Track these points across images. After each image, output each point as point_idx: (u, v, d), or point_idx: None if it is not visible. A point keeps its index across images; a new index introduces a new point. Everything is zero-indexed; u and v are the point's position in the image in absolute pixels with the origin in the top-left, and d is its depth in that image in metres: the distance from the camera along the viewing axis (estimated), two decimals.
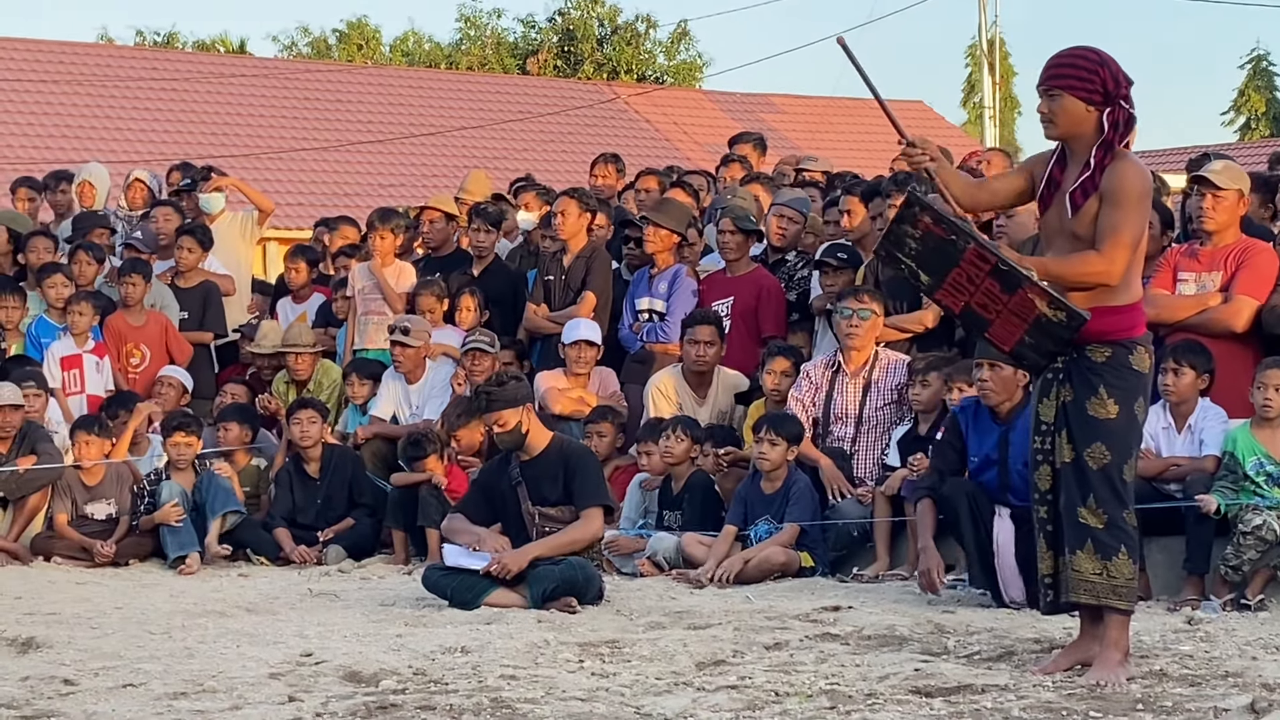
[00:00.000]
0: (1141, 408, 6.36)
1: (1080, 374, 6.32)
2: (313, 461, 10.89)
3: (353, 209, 22.30)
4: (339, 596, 9.01)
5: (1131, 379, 6.30)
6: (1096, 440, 6.29)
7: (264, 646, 7.28)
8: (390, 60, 45.68)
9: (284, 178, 28.55)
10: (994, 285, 6.16)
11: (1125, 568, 6.29)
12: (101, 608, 8.69)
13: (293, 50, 47.29)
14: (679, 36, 46.19)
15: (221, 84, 31.27)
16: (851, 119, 35.18)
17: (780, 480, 9.47)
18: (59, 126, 28.33)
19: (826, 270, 10.66)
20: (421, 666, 6.74)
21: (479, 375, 11.08)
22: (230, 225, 13.60)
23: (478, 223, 12.23)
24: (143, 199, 14.03)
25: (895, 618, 7.69)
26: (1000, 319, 6.24)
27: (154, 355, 12.19)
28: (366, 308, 12.18)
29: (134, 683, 6.47)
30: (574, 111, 33.80)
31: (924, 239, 6.22)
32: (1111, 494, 6.30)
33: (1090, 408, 6.29)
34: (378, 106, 32.49)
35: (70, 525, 10.78)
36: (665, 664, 6.74)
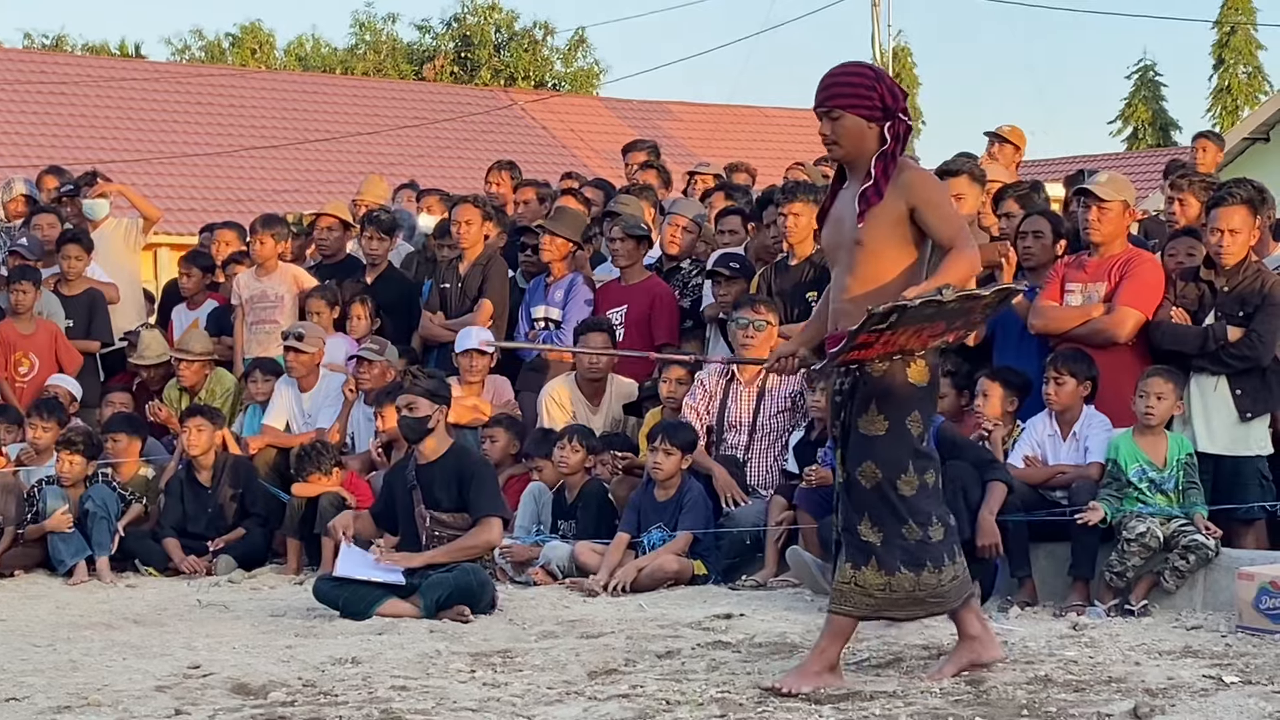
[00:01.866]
0: (916, 421, 6.25)
1: (859, 391, 6.28)
2: (204, 470, 10.79)
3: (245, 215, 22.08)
4: (228, 607, 8.94)
5: (905, 392, 6.22)
6: (866, 459, 6.26)
7: (151, 659, 7.21)
8: (284, 65, 45.41)
9: (176, 183, 28.32)
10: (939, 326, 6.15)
11: (905, 582, 6.23)
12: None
13: (186, 54, 46.92)
14: (576, 43, 46.29)
15: (112, 87, 30.98)
16: (746, 127, 35.34)
17: (674, 488, 9.49)
18: None
19: (719, 280, 10.69)
20: (311, 678, 6.71)
21: (367, 383, 11.05)
22: (115, 231, 13.43)
23: (370, 230, 12.18)
24: (23, 209, 13.82)
25: (786, 625, 7.73)
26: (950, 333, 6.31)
27: (43, 364, 12.04)
28: (256, 315, 12.09)
29: (16, 696, 6.40)
30: (470, 118, 33.74)
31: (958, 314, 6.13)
32: (889, 512, 6.24)
33: (862, 425, 6.26)
34: (271, 112, 32.29)
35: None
36: (557, 673, 6.74)
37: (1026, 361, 9.13)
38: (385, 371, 11.08)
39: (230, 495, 10.75)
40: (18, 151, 27.02)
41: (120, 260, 13.42)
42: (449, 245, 11.94)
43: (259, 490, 10.79)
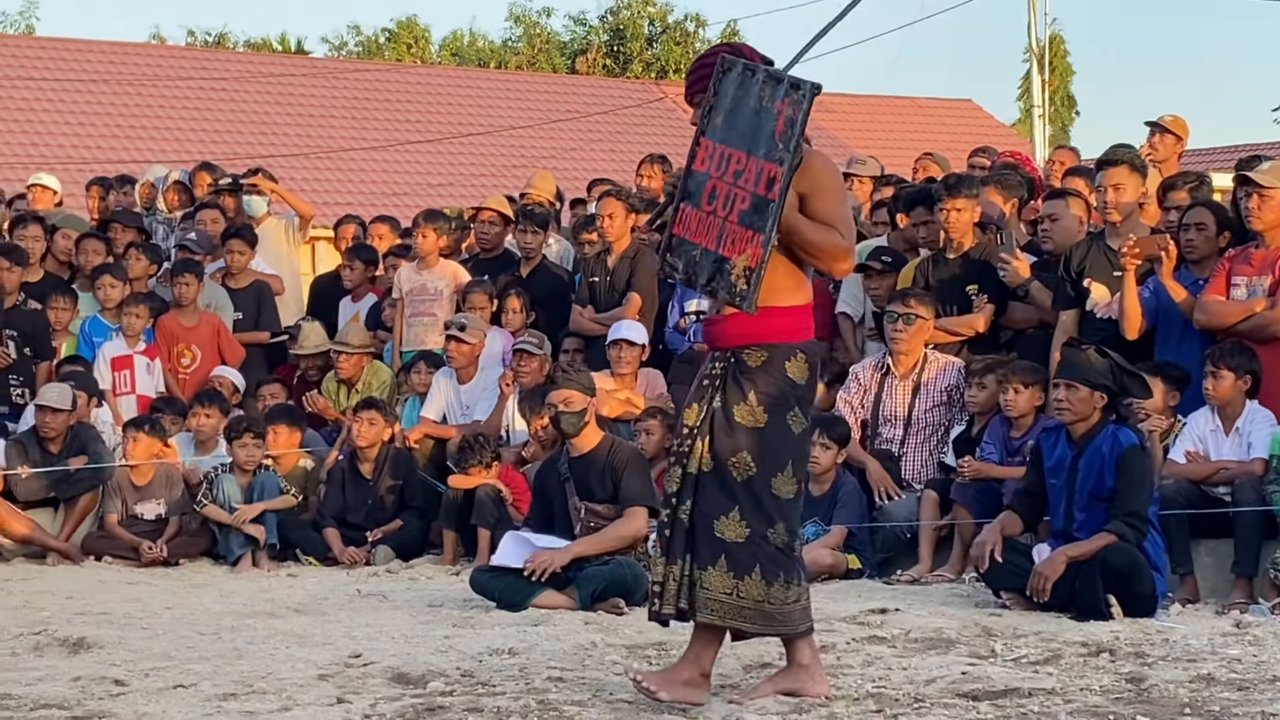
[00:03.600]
0: (797, 420, 5.93)
1: (733, 379, 5.95)
2: (367, 462, 10.93)
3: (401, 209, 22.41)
4: (387, 597, 9.04)
5: (785, 387, 5.91)
6: (741, 450, 5.89)
7: (313, 647, 7.32)
8: (439, 60, 45.79)
9: (333, 177, 28.68)
10: (744, 202, 5.74)
11: (754, 589, 5.87)
12: (152, 608, 8.74)
13: (343, 50, 47.48)
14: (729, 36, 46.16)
15: (271, 83, 31.42)
16: (901, 117, 35.12)
17: (829, 482, 9.47)
18: (109, 127, 28.51)
19: (870, 274, 10.64)
20: (469, 668, 6.76)
21: (525, 377, 11.11)
22: (275, 228, 13.67)
23: (525, 224, 12.25)
24: (180, 201, 14.10)
25: (942, 620, 7.68)
26: (708, 220, 5.81)
27: (205, 356, 12.26)
28: (415, 309, 12.20)
29: (184, 684, 6.51)
30: (622, 111, 33.82)
31: (763, 111, 5.70)
32: (756, 508, 5.89)
33: (738, 414, 5.91)
34: (427, 106, 32.58)
35: (120, 525, 10.86)
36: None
37: (1189, 356, 9.01)
38: (543, 365, 11.15)
39: (389, 486, 10.88)
40: (179, 147, 27.48)
41: (281, 255, 13.64)
42: (593, 239, 12.02)
43: (418, 482, 10.91)
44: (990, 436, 9.33)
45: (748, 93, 5.76)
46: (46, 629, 7.86)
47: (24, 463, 10.88)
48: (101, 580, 9.95)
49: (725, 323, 6.01)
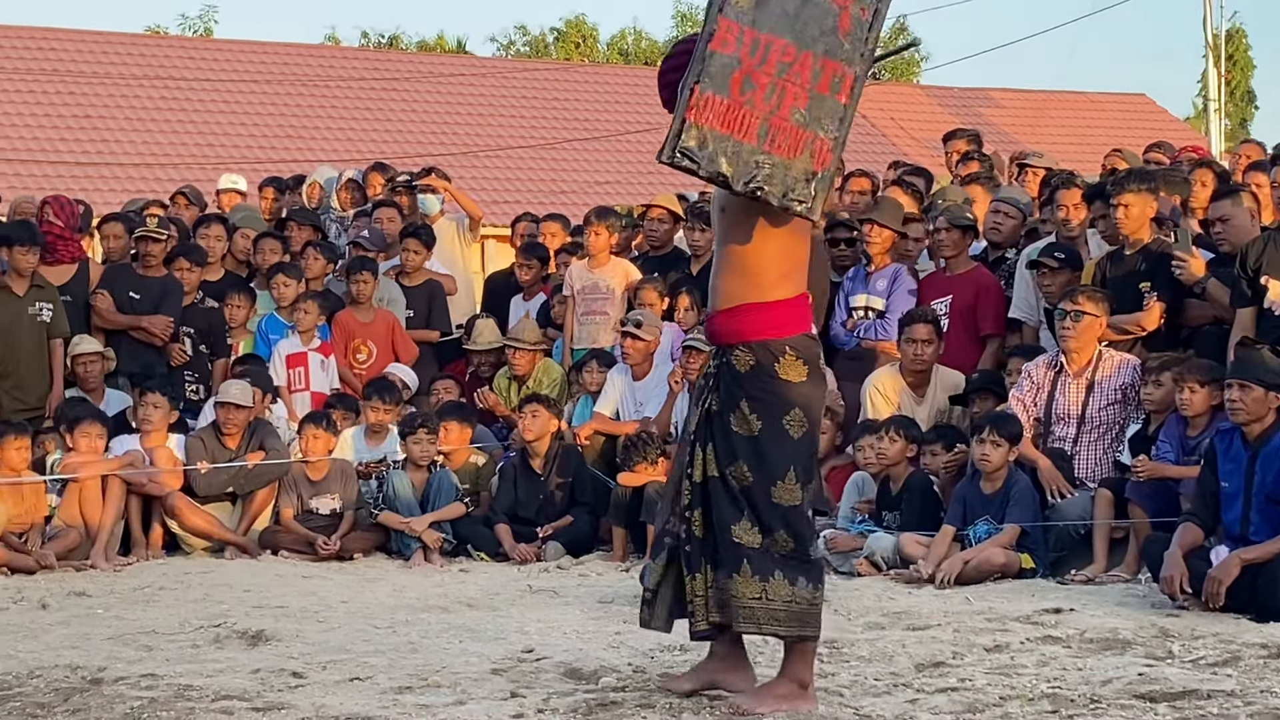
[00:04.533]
0: (796, 423, 5.79)
1: (725, 385, 5.82)
2: (538, 457, 11.00)
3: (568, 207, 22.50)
4: (558, 593, 9.09)
5: (779, 390, 5.77)
6: (737, 459, 5.79)
7: (486, 642, 7.38)
8: (607, 58, 45.96)
9: (501, 176, 28.88)
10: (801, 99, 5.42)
11: (781, 589, 5.79)
12: (328, 601, 8.87)
13: (511, 49, 47.81)
14: (896, 30, 45.90)
15: (441, 83, 31.72)
16: (1072, 112, 34.69)
17: (1000, 481, 9.39)
18: (284, 127, 28.94)
19: (1044, 270, 10.52)
20: (641, 664, 6.79)
21: (694, 373, 11.12)
22: (447, 228, 13.82)
23: (694, 222, 12.27)
24: (352, 200, 14.30)
25: (1118, 621, 7.59)
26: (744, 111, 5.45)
27: (380, 353, 12.42)
28: (586, 307, 12.27)
29: (360, 676, 6.60)
30: None
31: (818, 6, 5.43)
32: (757, 517, 5.79)
33: (733, 422, 5.79)
34: (594, 104, 32.71)
35: (296, 520, 11.03)
36: (884, 665, 6.72)
37: None
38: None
39: (560, 483, 10.95)
40: (351, 147, 27.84)
41: (454, 254, 13.79)
42: None
43: (588, 478, 10.97)
44: (1166, 435, 9.19)
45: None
46: (226, 622, 8.01)
47: (203, 458, 11.08)
48: (278, 574, 10.11)
49: (717, 319, 5.90)
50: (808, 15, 5.42)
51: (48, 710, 6.04)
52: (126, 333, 11.98)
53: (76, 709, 6.05)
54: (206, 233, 12.89)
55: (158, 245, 12.21)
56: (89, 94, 28.62)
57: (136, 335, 12.00)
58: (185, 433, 11.38)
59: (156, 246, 12.20)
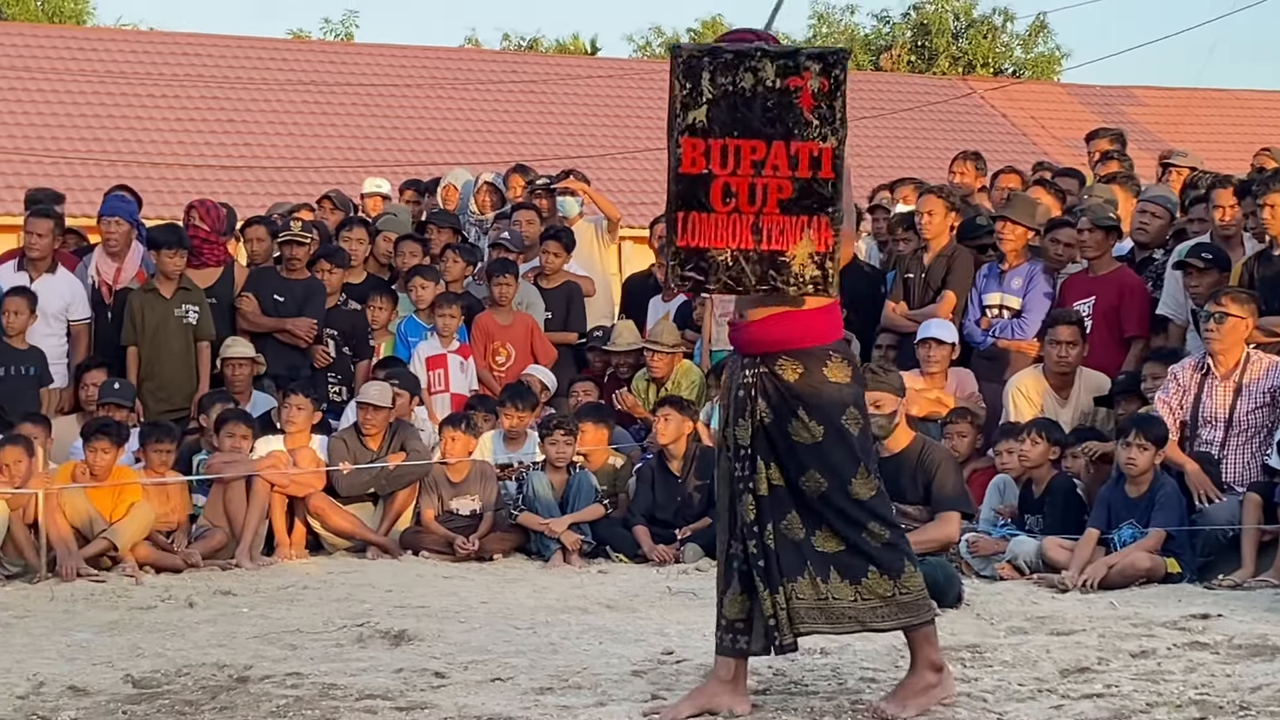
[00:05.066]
0: (853, 418, 5.80)
1: (775, 395, 5.78)
2: (675, 459, 11.00)
3: None
4: (697, 595, 9.07)
5: (830, 393, 5.77)
6: (808, 468, 5.79)
7: (626, 644, 7.39)
8: None
9: (638, 177, 28.93)
10: (784, 189, 5.46)
11: (879, 586, 5.81)
12: (468, 602, 8.92)
13: (646, 50, 47.90)
14: (1037, 29, 45.50)
15: (579, 85, 31.84)
16: (1216, 111, 34.21)
17: (1146, 484, 9.27)
18: (424, 130, 29.18)
19: (1191, 271, 10.37)
20: (781, 667, 6.76)
21: None
22: (585, 231, 13.86)
23: None
24: (491, 202, 14.37)
25: (1267, 627, 7.47)
26: (731, 220, 5.51)
27: (519, 354, 12.47)
28: (725, 308, 12.24)
29: (501, 677, 6.63)
30: (928, 107, 33.53)
31: (771, 93, 5.39)
32: (842, 519, 5.80)
33: (794, 432, 5.78)
34: None
35: (437, 520, 11.11)
36: (1028, 670, 6.66)
37: None
38: None
39: (698, 484, 10.93)
40: (489, 149, 28.00)
41: (592, 256, 13.82)
42: (908, 237, 11.95)
43: None
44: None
45: (738, 79, 5.41)
46: (368, 621, 8.08)
47: (345, 459, 11.18)
48: (419, 574, 10.18)
49: (752, 328, 5.85)
50: (765, 108, 5.42)
51: (196, 708, 6.12)
52: (271, 335, 12.13)
53: (224, 706, 6.13)
54: (349, 235, 13.01)
55: (301, 249, 12.35)
56: (234, 99, 29.02)
57: (281, 337, 12.15)
58: (328, 434, 11.49)
59: (300, 250, 12.34)
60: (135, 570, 10.15)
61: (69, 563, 10.02)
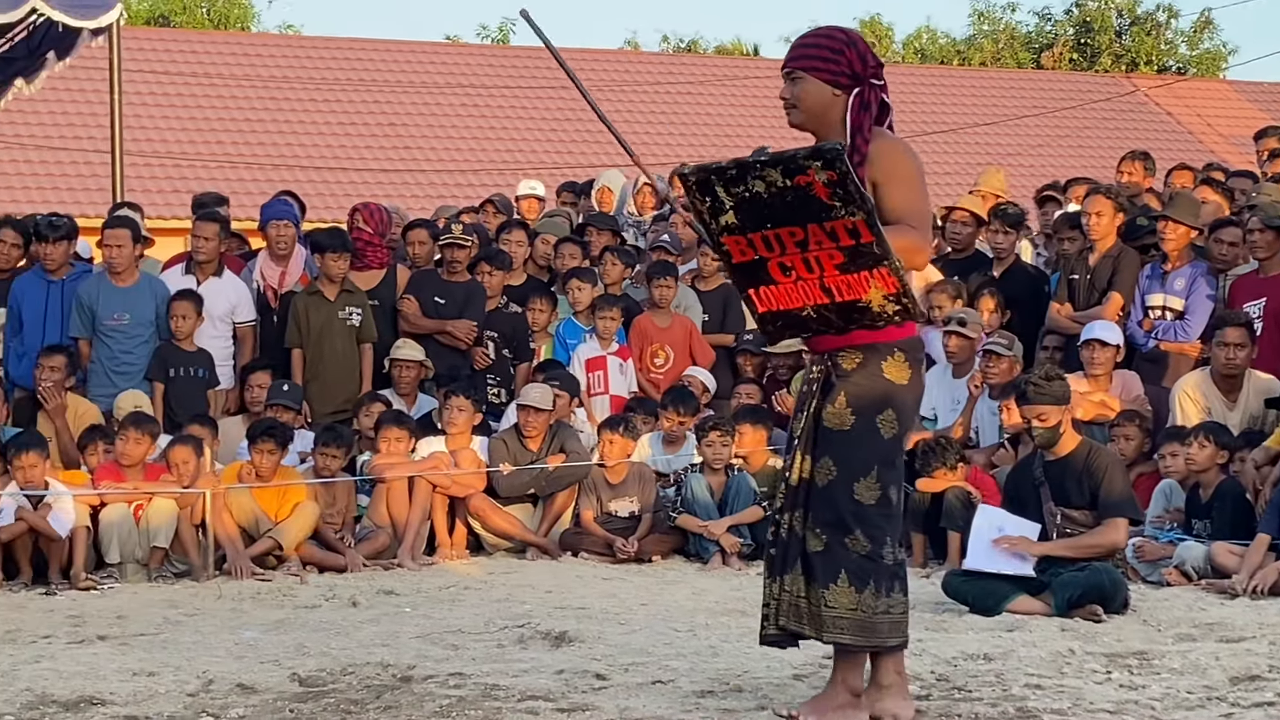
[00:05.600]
0: (889, 423, 5.66)
1: (828, 382, 5.75)
2: None
3: None
4: None
5: (880, 388, 5.66)
6: (825, 455, 5.70)
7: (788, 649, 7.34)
8: (902, 58, 45.65)
9: None
10: (835, 257, 5.44)
11: (843, 596, 5.65)
12: (627, 604, 8.92)
13: None
14: (1202, 25, 44.79)
15: (738, 86, 31.82)
16: None
17: None
18: (581, 132, 29.30)
19: None
20: (944, 672, 6.71)
21: (995, 377, 10.97)
22: None
23: (997, 224, 12.11)
24: (651, 204, 14.38)
25: None
26: (798, 286, 5.54)
27: (677, 357, 12.47)
28: None
29: (662, 679, 6.62)
30: (1091, 105, 33.13)
31: (787, 191, 5.38)
32: (833, 515, 5.67)
33: (825, 417, 5.71)
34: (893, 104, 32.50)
35: (596, 522, 11.14)
36: (1197, 678, 6.55)
37: None
38: (1013, 366, 11.00)
39: None
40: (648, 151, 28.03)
41: None
42: (1072, 237, 11.82)
43: None
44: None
45: (750, 186, 5.45)
46: (529, 622, 8.11)
47: (506, 460, 11.25)
48: (578, 575, 10.21)
49: None
50: (785, 202, 5.43)
51: (361, 707, 6.17)
52: (432, 337, 12.23)
53: (388, 706, 6.18)
54: (509, 238, 13.08)
55: (463, 251, 12.44)
56: (394, 103, 29.34)
57: (441, 339, 12.24)
58: (488, 435, 11.57)
59: (461, 253, 12.43)
60: (300, 569, 10.29)
61: (238, 562, 10.18)
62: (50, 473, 10.28)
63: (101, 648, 7.60)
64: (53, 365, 11.04)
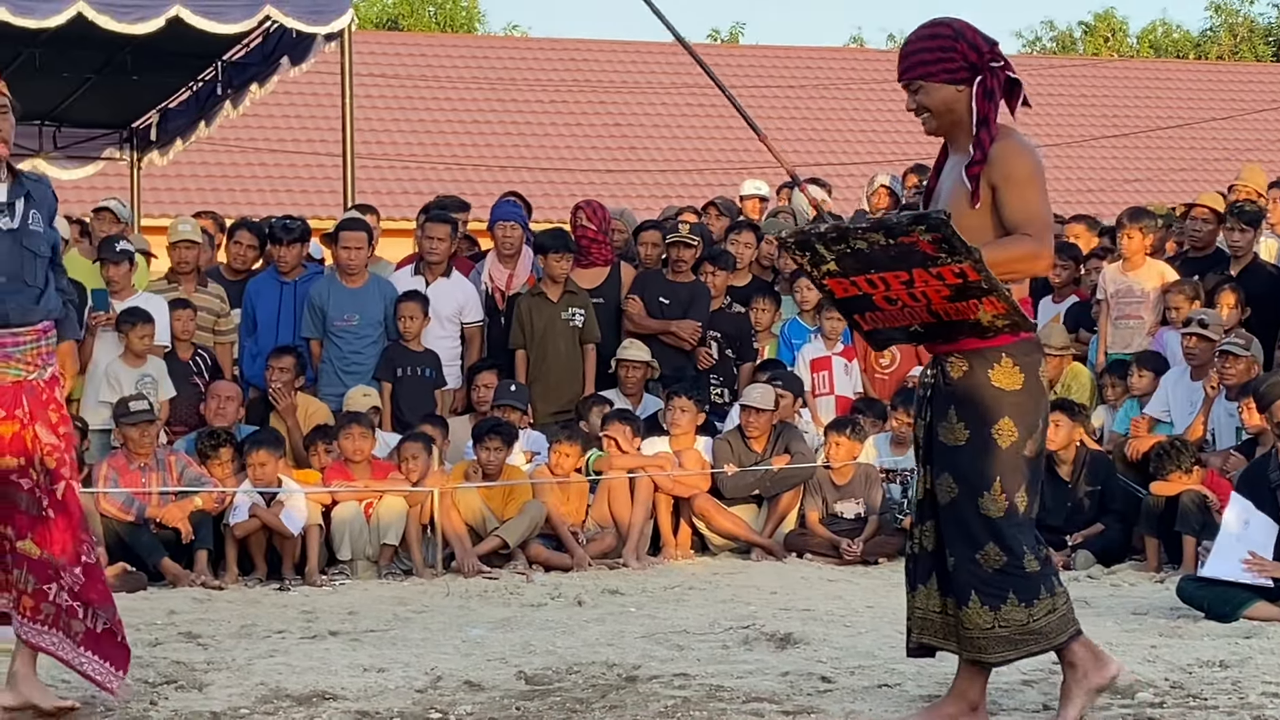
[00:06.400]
0: (1006, 432, 5.48)
1: (939, 393, 5.59)
2: (1065, 464, 10.77)
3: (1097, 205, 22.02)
4: (1089, 603, 8.86)
5: (989, 397, 5.46)
6: (945, 471, 5.56)
7: None
8: (1137, 52, 44.85)
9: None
10: (943, 291, 5.35)
11: (979, 616, 5.52)
12: (853, 606, 8.86)
13: (1036, 45, 47.16)
14: None
15: None
16: None
17: None
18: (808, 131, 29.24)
19: None
20: (1178, 679, 6.56)
21: (1231, 378, 10.71)
22: None
23: (1234, 221, 11.82)
24: (886, 203, 14.26)
25: None
26: (903, 311, 5.47)
27: (904, 356, 12.35)
28: (1121, 311, 11.95)
29: (889, 683, 6.56)
30: None
31: (891, 247, 5.33)
32: (963, 533, 5.53)
33: (942, 433, 5.57)
34: (1124, 99, 31.97)
35: (821, 523, 11.07)
36: None
37: None
38: (1250, 366, 10.72)
39: (1089, 490, 10.69)
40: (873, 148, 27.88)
41: None
42: None
43: (1118, 486, 10.68)
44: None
45: (852, 245, 5.38)
46: (754, 623, 8.08)
47: (730, 460, 11.23)
48: (803, 577, 10.16)
49: None
50: (890, 255, 5.37)
51: (586, 706, 6.19)
52: (656, 337, 12.25)
53: (613, 705, 6.19)
54: (737, 239, 13.03)
55: (689, 251, 12.43)
56: (619, 103, 29.50)
57: (665, 339, 12.25)
58: (712, 435, 11.56)
59: (687, 252, 12.42)
60: (526, 568, 10.37)
61: (466, 560, 10.29)
62: (284, 471, 10.49)
63: (333, 643, 7.72)
64: (282, 366, 11.25)
